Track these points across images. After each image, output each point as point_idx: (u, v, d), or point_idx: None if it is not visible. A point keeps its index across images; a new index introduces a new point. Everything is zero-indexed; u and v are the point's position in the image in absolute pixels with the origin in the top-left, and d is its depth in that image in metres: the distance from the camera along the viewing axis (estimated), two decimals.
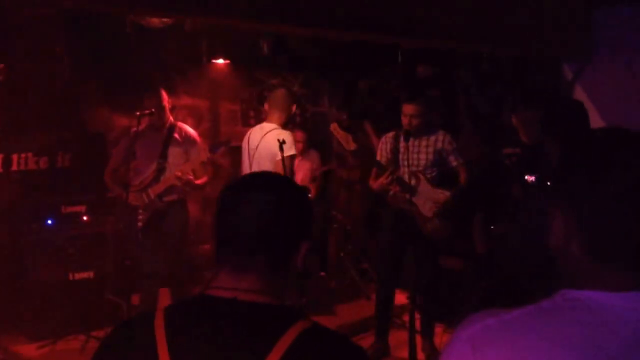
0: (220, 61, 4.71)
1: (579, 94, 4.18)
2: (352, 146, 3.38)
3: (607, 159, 0.74)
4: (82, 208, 4.00)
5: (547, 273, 0.81)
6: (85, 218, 3.98)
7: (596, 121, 3.37)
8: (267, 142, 3.33)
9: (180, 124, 3.70)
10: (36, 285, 3.71)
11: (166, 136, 3.59)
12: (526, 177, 2.92)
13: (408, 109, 3.41)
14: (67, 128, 4.05)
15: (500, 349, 0.72)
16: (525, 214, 2.78)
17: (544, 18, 3.80)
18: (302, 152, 4.72)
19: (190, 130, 3.71)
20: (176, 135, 3.62)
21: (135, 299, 3.73)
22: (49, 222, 3.87)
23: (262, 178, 1.04)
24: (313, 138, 4.94)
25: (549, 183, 2.64)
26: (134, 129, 3.57)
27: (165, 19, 3.77)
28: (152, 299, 3.54)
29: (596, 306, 0.72)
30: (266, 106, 3.52)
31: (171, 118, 3.65)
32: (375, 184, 3.48)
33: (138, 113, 3.44)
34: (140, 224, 3.53)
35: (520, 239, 2.74)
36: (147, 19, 3.79)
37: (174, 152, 3.58)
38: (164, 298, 3.54)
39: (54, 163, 4.02)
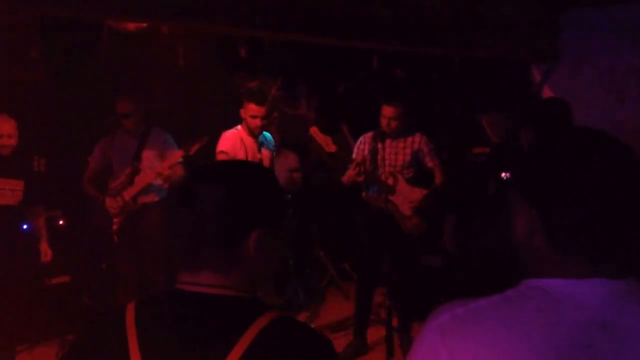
0: (198, 65, 4.72)
1: (547, 94, 4.31)
2: (332, 148, 3.45)
3: (573, 157, 0.78)
4: (58, 212, 3.97)
5: (520, 267, 0.86)
6: (61, 222, 3.95)
7: None
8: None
9: (155, 128, 3.71)
10: (12, 290, 3.67)
11: (141, 140, 3.60)
12: (502, 175, 3.01)
13: (387, 111, 3.48)
14: (42, 133, 4.02)
15: (467, 336, 0.75)
16: (502, 210, 2.86)
17: (512, 22, 3.92)
18: (277, 153, 4.77)
19: (165, 134, 3.72)
20: (151, 139, 3.62)
21: (113, 303, 3.72)
22: (25, 226, 3.83)
23: (213, 169, 0.99)
24: (291, 140, 4.98)
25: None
26: (109, 134, 3.58)
27: (140, 23, 3.77)
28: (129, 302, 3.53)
29: (557, 293, 0.76)
30: None
31: (146, 122, 3.66)
32: (344, 177, 3.54)
33: (110, 118, 3.46)
34: (115, 227, 3.53)
35: (498, 235, 2.81)
36: (123, 23, 3.79)
37: (148, 155, 3.59)
38: None
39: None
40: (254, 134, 3.51)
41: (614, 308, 0.74)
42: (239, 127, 3.57)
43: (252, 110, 3.42)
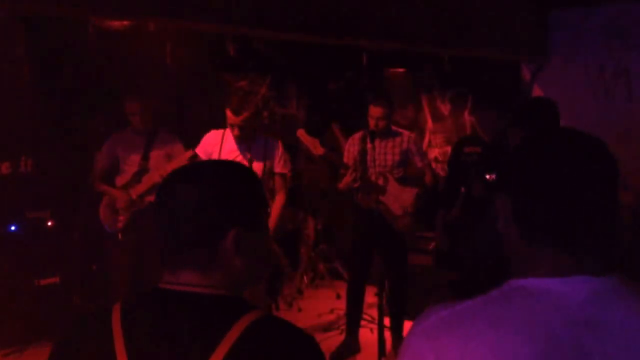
0: (186, 63, 4.69)
1: (537, 94, 4.33)
2: (320, 151, 3.44)
3: (547, 155, 0.80)
4: (47, 213, 3.94)
5: (506, 267, 0.87)
6: (49, 223, 3.92)
7: None
8: None
9: (163, 128, 3.71)
10: (1, 292, 3.64)
11: (148, 139, 3.61)
12: (487, 176, 3.01)
13: (375, 111, 3.49)
14: (29, 132, 3.98)
15: (452, 337, 0.76)
16: (487, 211, 2.87)
17: (501, 21, 3.94)
18: None
19: (173, 134, 3.72)
20: (159, 139, 3.63)
21: (105, 304, 3.68)
22: (13, 227, 3.80)
23: (189, 169, 0.98)
24: (281, 140, 4.97)
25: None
26: (117, 132, 3.58)
27: (126, 21, 3.74)
28: None
29: (539, 292, 0.77)
30: None
31: (154, 121, 3.64)
32: (341, 183, 3.55)
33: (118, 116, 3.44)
34: (120, 225, 3.53)
35: (487, 236, 2.82)
36: (109, 21, 3.75)
37: (156, 155, 3.60)
38: None
39: (17, 168, 3.94)
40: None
41: (597, 306, 0.75)
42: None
43: (229, 119, 3.21)
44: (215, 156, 3.27)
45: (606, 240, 0.79)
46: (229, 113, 3.23)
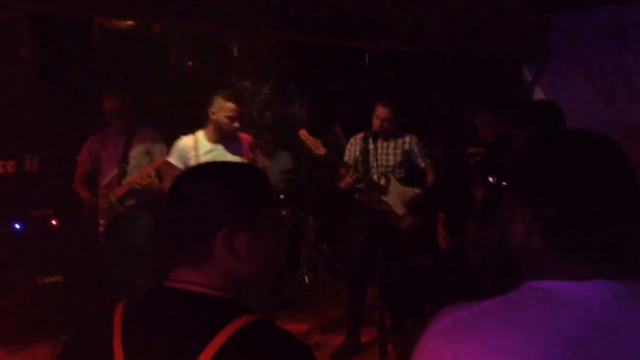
0: (190, 63, 4.71)
1: (539, 95, 4.34)
2: (322, 151, 3.46)
3: (565, 157, 0.78)
4: (51, 212, 3.95)
5: (515, 269, 0.87)
6: (53, 222, 3.93)
7: None
8: None
9: (143, 127, 3.66)
10: (4, 290, 3.65)
11: (128, 139, 3.57)
12: (489, 178, 3.01)
13: (382, 112, 3.49)
14: (34, 131, 4.00)
15: (471, 339, 0.76)
16: (491, 214, 2.87)
17: (503, 22, 3.95)
18: (271, 155, 4.80)
19: (153, 132, 3.67)
20: (138, 138, 3.59)
21: (105, 303, 3.69)
22: (17, 226, 3.82)
23: (194, 169, 1.02)
24: (284, 140, 5.00)
25: (504, 183, 2.74)
26: (97, 133, 3.57)
27: (131, 22, 3.76)
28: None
29: (558, 294, 0.76)
30: None
31: (133, 121, 3.62)
32: (342, 183, 3.56)
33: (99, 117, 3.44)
34: (101, 229, 3.51)
35: (494, 238, 2.80)
36: (114, 21, 3.78)
37: (135, 155, 3.55)
38: None
39: (21, 167, 3.95)
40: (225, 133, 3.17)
41: (617, 310, 0.75)
42: (200, 131, 3.24)
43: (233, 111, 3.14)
44: (193, 161, 3.17)
45: (625, 244, 0.77)
46: (233, 105, 3.12)
